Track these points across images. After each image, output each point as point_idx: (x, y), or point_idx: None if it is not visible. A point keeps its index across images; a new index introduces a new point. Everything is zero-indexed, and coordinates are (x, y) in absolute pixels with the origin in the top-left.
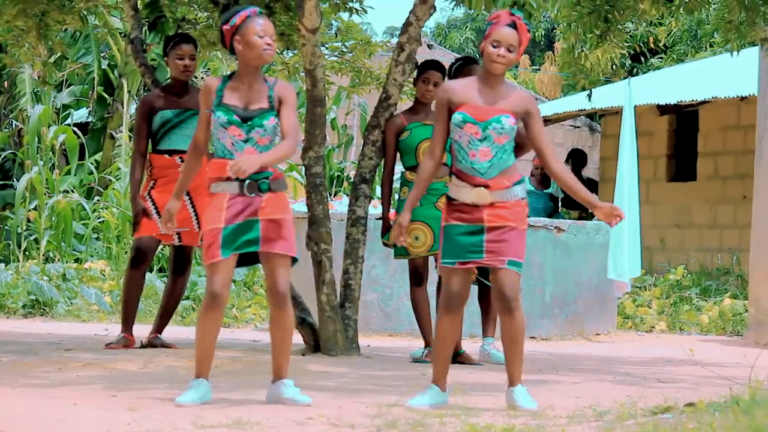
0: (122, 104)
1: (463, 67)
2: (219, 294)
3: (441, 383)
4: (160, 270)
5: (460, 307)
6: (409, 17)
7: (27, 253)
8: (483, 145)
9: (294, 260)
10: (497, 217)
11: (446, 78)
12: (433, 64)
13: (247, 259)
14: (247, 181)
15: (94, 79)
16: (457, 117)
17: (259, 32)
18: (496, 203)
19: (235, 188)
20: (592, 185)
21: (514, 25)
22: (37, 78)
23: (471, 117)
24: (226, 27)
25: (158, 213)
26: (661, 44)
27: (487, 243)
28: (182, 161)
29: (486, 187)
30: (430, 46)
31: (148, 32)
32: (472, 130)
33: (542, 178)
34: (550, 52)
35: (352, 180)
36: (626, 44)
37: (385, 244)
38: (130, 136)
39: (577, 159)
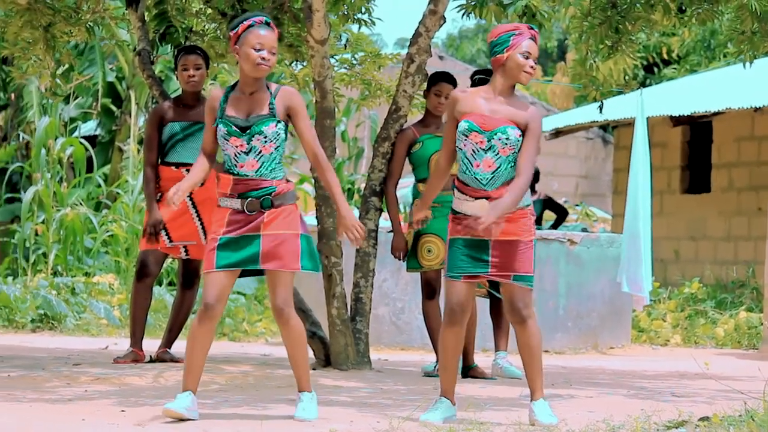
0: (130, 116)
1: (480, 82)
2: (212, 305)
3: (450, 396)
4: (170, 284)
5: (463, 319)
6: (418, 28)
7: (35, 266)
8: (487, 155)
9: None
10: (502, 232)
11: None
12: (445, 77)
13: (252, 270)
14: (249, 199)
15: (98, 90)
16: (462, 125)
17: (255, 45)
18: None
19: (237, 204)
20: (548, 204)
21: (533, 38)
22: (44, 90)
23: (477, 126)
24: (230, 34)
25: (164, 226)
26: (674, 55)
27: (492, 258)
28: None
29: (487, 198)
30: (441, 57)
31: (158, 43)
32: (477, 139)
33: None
34: (562, 62)
35: (362, 192)
36: (638, 55)
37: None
38: (138, 148)
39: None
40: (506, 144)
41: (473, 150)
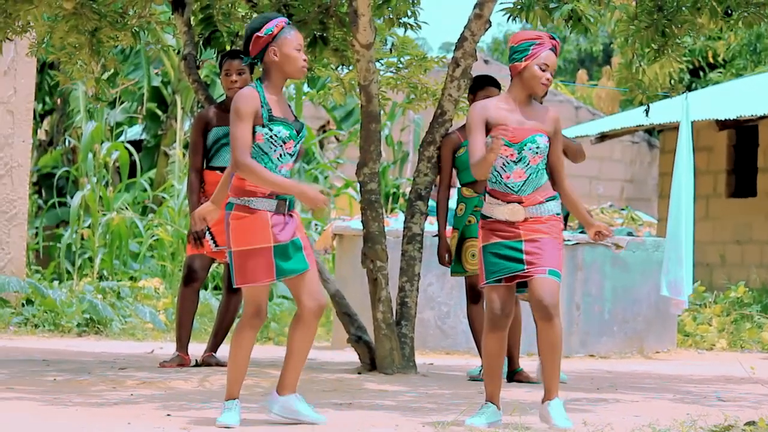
0: (176, 121)
1: None
2: (264, 312)
3: (496, 401)
4: (215, 288)
5: (506, 324)
6: (464, 32)
7: (81, 271)
8: (518, 166)
9: None
10: (533, 231)
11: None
12: (491, 81)
13: None
14: (286, 201)
15: (144, 95)
16: (490, 140)
17: (296, 45)
18: (529, 218)
19: (274, 206)
20: None
21: (554, 49)
22: (90, 95)
23: (506, 140)
24: (259, 35)
25: (209, 230)
26: (719, 58)
27: (526, 254)
28: None
29: (519, 202)
30: (486, 61)
31: (203, 48)
32: (508, 152)
33: None
34: (608, 66)
35: (407, 196)
36: (684, 59)
37: (442, 264)
38: (183, 153)
39: None
40: (536, 153)
41: (504, 163)
